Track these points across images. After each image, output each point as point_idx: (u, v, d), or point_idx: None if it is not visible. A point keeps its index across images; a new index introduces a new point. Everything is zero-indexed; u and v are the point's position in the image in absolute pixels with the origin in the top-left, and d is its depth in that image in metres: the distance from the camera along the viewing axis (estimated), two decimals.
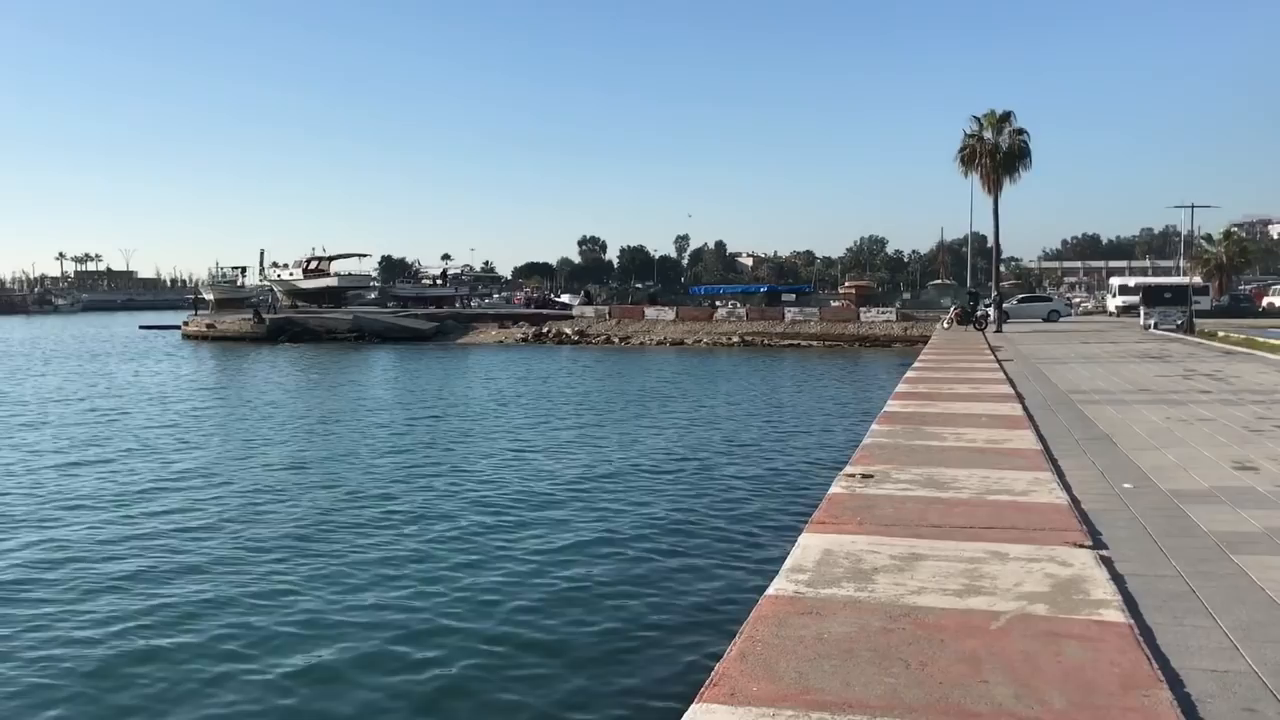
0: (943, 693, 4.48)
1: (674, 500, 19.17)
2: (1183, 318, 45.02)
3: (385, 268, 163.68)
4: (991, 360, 26.58)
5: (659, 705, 9.39)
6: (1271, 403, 16.30)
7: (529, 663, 10.99)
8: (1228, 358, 27.56)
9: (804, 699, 4.42)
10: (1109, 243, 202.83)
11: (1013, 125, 57.14)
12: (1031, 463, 10.40)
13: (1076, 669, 4.73)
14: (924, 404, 15.84)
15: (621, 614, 12.43)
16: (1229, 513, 8.29)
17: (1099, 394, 18.16)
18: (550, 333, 74.38)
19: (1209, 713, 4.36)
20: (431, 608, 12.81)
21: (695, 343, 69.12)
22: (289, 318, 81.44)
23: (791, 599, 5.90)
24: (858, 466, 10.28)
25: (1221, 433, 12.97)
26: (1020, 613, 5.55)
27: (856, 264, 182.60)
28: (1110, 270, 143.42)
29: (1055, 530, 7.45)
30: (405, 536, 16.39)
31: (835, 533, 7.48)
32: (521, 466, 23.20)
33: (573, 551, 15.45)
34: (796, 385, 43.06)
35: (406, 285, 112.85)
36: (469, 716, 9.83)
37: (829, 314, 73.50)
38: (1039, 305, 64.94)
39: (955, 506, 8.30)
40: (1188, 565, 6.69)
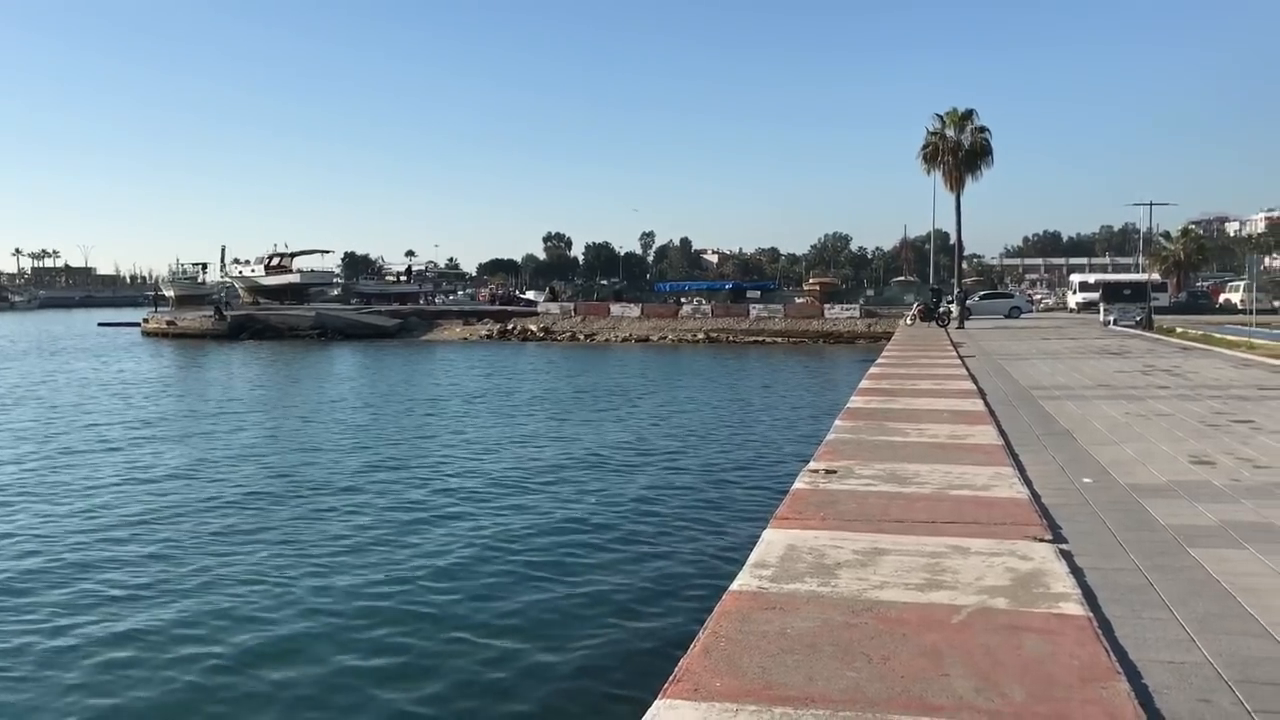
0: (904, 686, 4.50)
1: (638, 496, 19.18)
2: (1141, 314, 45.58)
3: (348, 264, 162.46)
4: (954, 356, 26.78)
5: (623, 701, 9.39)
6: (1228, 398, 16.54)
7: (492, 658, 10.95)
8: (1185, 353, 27.94)
9: (767, 694, 4.42)
10: (1070, 240, 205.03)
11: (975, 123, 57.53)
12: (993, 458, 10.49)
13: (1036, 662, 4.77)
14: (887, 400, 15.92)
15: (585, 610, 12.42)
16: (1186, 506, 8.40)
17: (1059, 390, 18.35)
18: (515, 330, 74.17)
19: (1166, 704, 4.41)
20: (393, 601, 12.76)
21: (660, 340, 69.21)
22: (250, 315, 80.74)
23: (755, 594, 5.91)
24: (821, 462, 10.31)
25: (1179, 427, 13.14)
26: (981, 606, 5.59)
27: (821, 261, 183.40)
28: (1071, 267, 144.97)
29: (1016, 524, 7.51)
30: (367, 529, 16.31)
31: (799, 528, 7.50)
32: (486, 462, 23.12)
33: (536, 547, 15.42)
34: (761, 382, 43.21)
35: (370, 282, 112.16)
36: (430, 710, 9.78)
37: (793, 311, 73.84)
38: (1000, 302, 65.51)
39: (917, 501, 8.35)
40: (1145, 558, 6.77)
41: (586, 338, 71.18)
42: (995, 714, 4.19)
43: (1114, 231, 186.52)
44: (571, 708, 9.72)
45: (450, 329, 76.49)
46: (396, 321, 77.79)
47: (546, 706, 9.75)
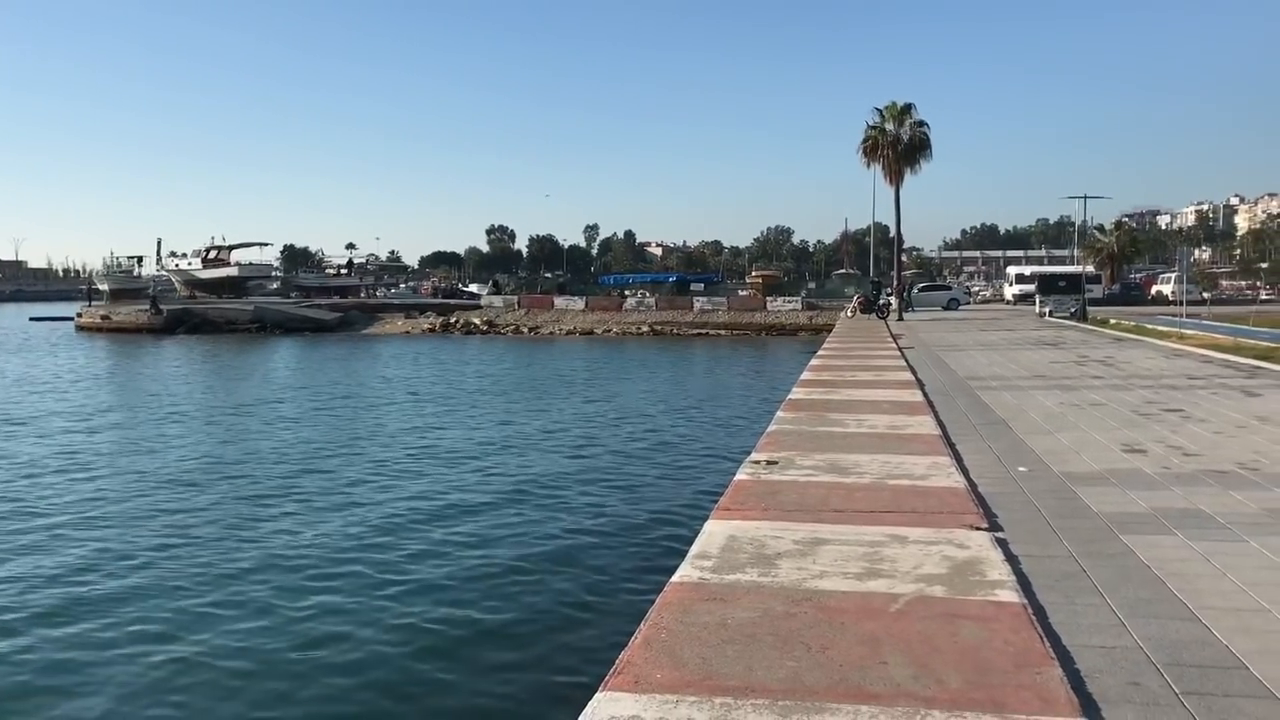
0: (843, 675, 4.53)
1: (581, 489, 19.17)
2: (1076, 305, 46.42)
3: (288, 257, 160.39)
4: (893, 348, 27.08)
5: (565, 694, 9.36)
6: (1159, 387, 16.90)
7: (429, 652, 10.88)
8: (1118, 344, 28.50)
9: (707, 685, 4.43)
10: (1006, 233, 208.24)
11: (913, 118, 58.29)
12: (931, 448, 10.62)
13: (972, 649, 4.84)
14: (828, 391, 16.05)
15: (526, 604, 12.39)
16: (1118, 494, 8.56)
17: (996, 380, 18.63)
18: (458, 323, 73.70)
19: (1097, 688, 4.49)
20: (333, 596, 12.62)
21: (605, 332, 69.16)
22: (187, 308, 79.49)
23: (696, 585, 5.93)
24: (763, 453, 10.37)
25: (1112, 417, 13.40)
26: (919, 595, 5.66)
27: (764, 254, 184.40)
28: (1008, 259, 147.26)
29: (953, 513, 7.62)
30: (307, 525, 16.09)
31: (740, 519, 7.53)
32: (428, 457, 22.95)
33: (477, 541, 15.35)
34: (705, 374, 43.38)
35: (310, 275, 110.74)
36: (367, 704, 9.70)
37: (737, 303, 74.18)
38: (939, 294, 66.35)
39: (857, 491, 8.43)
40: (1079, 546, 6.89)
41: (530, 331, 70.92)
42: (931, 700, 4.23)
43: (1050, 224, 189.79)
44: (511, 702, 9.69)
45: (392, 323, 75.81)
46: (337, 315, 76.96)
47: (485, 701, 9.70)
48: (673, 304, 74.93)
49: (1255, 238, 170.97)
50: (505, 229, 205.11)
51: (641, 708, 4.22)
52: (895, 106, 58.21)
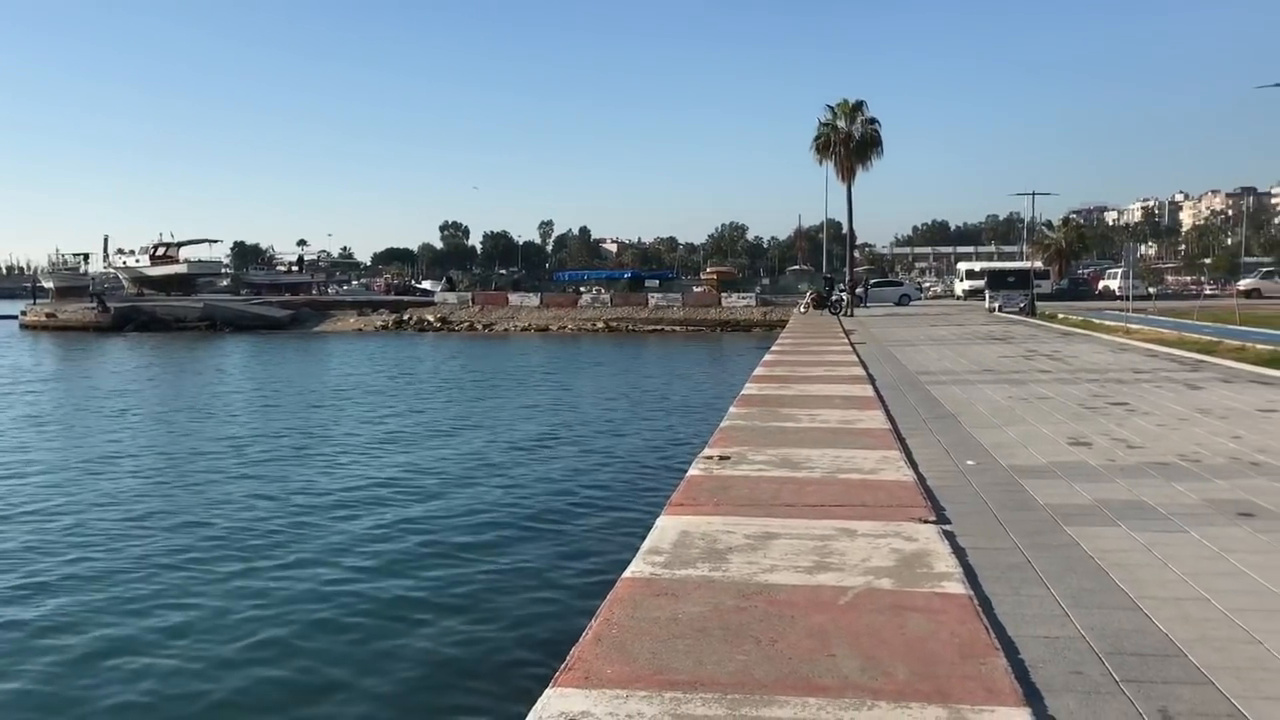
0: (792, 668, 4.57)
1: (535, 486, 19.14)
2: (1025, 301, 47.05)
3: (238, 254, 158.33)
4: (845, 344, 27.29)
5: (516, 691, 9.35)
6: (1105, 381, 17.18)
7: (380, 649, 10.81)
8: (1066, 339, 28.94)
9: (657, 679, 4.45)
10: (957, 229, 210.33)
11: (865, 115, 58.66)
12: (881, 442, 10.72)
13: (919, 640, 4.90)
14: (781, 386, 16.15)
15: (478, 601, 12.35)
16: (1064, 487, 8.70)
17: (945, 375, 18.85)
18: (412, 320, 73.29)
19: (1040, 677, 4.57)
20: (282, 590, 12.53)
21: (560, 329, 69.08)
22: (135, 306, 78.38)
23: (648, 580, 5.95)
24: (716, 449, 10.42)
25: (1059, 410, 13.60)
26: (867, 587, 5.71)
27: (718, 250, 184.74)
28: (958, 255, 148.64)
29: (902, 506, 7.70)
30: (263, 522, 15.93)
31: (692, 514, 7.56)
32: (381, 452, 22.80)
33: (428, 538, 15.27)
34: (660, 370, 43.45)
35: (260, 272, 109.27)
36: (315, 697, 9.63)
37: (692, 300, 74.40)
38: (890, 290, 66.95)
39: (808, 485, 8.50)
40: (1024, 537, 6.99)
41: (485, 328, 70.66)
42: (878, 692, 4.28)
43: (1000, 221, 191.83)
44: (462, 700, 9.65)
45: (344, 320, 75.20)
46: (288, 312, 76.19)
47: (436, 699, 9.66)
48: (628, 300, 75.01)
49: (1199, 233, 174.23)
50: (459, 225, 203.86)
51: (591, 703, 4.23)
52: (847, 104, 58.56)
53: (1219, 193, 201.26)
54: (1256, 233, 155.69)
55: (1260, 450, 10.24)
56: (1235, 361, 19.84)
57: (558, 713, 4.16)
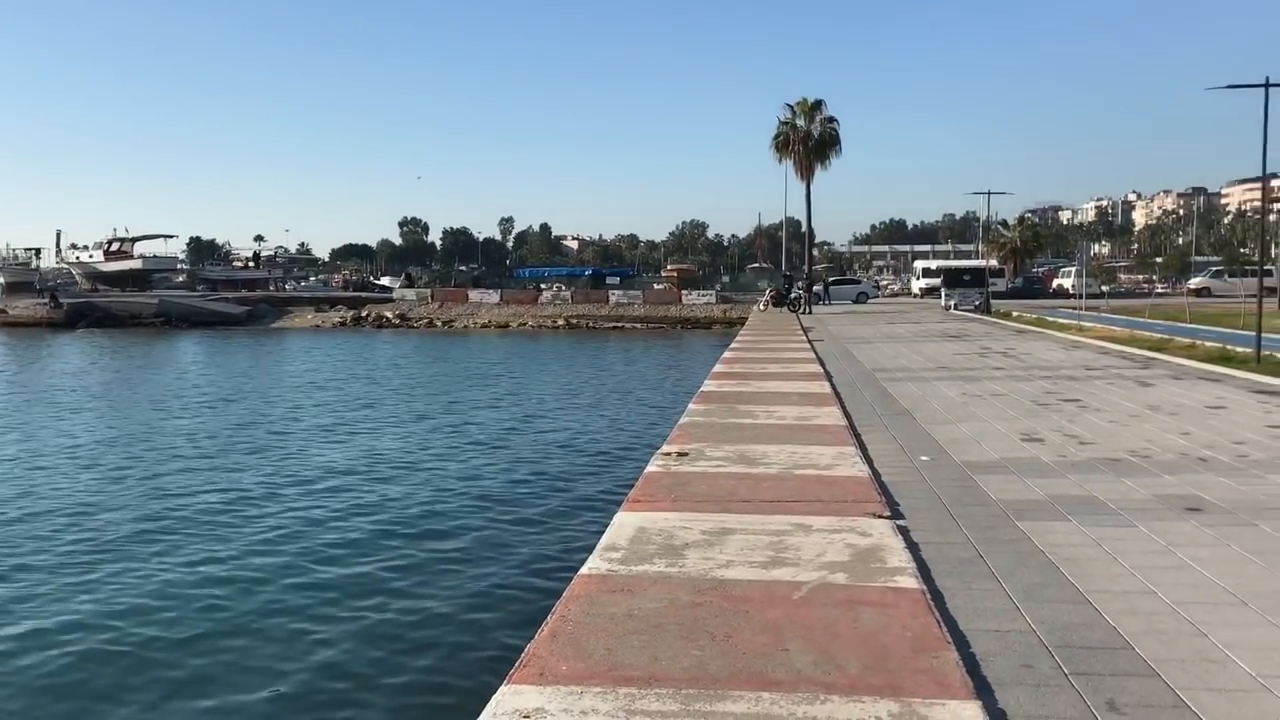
0: (746, 663, 4.60)
1: (494, 482, 19.08)
2: (980, 299, 47.55)
3: (194, 250, 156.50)
4: (803, 341, 27.46)
5: (472, 688, 9.32)
6: (1058, 378, 17.41)
7: (335, 645, 10.73)
8: (1020, 336, 29.29)
9: (612, 675, 4.46)
10: (915, 228, 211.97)
11: (824, 113, 59.11)
12: (837, 438, 10.80)
13: (872, 635, 4.94)
14: (739, 383, 16.23)
15: (435, 598, 12.29)
16: (1016, 482, 8.81)
17: (901, 372, 19.01)
18: (370, 316, 72.86)
19: (991, 671, 4.62)
20: (235, 585, 12.41)
21: (520, 326, 68.94)
22: (89, 302, 77.28)
23: (604, 577, 5.96)
24: (674, 445, 10.45)
25: (1012, 407, 13.77)
26: (821, 582, 5.75)
27: (679, 247, 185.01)
28: (915, 254, 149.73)
29: (856, 502, 7.76)
30: (214, 519, 15.76)
31: (650, 510, 7.58)
32: (340, 448, 22.63)
33: (386, 534, 15.18)
34: (620, 367, 43.47)
35: (216, 268, 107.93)
36: (264, 695, 9.54)
37: (652, 297, 74.54)
38: (848, 288, 67.37)
39: (764, 481, 8.54)
40: (977, 532, 7.07)
41: (444, 324, 70.37)
42: (831, 686, 4.32)
43: (956, 220, 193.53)
44: (417, 698, 9.61)
45: (302, 316, 74.62)
46: (245, 309, 75.50)
47: (390, 696, 9.61)
48: (589, 297, 75.04)
49: (1152, 233, 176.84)
50: (418, 221, 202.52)
51: (546, 700, 4.23)
52: (806, 102, 58.97)
53: (1170, 193, 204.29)
54: (1207, 232, 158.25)
55: (1208, 446, 10.43)
56: (1185, 359, 20.18)
57: (512, 710, 4.15)
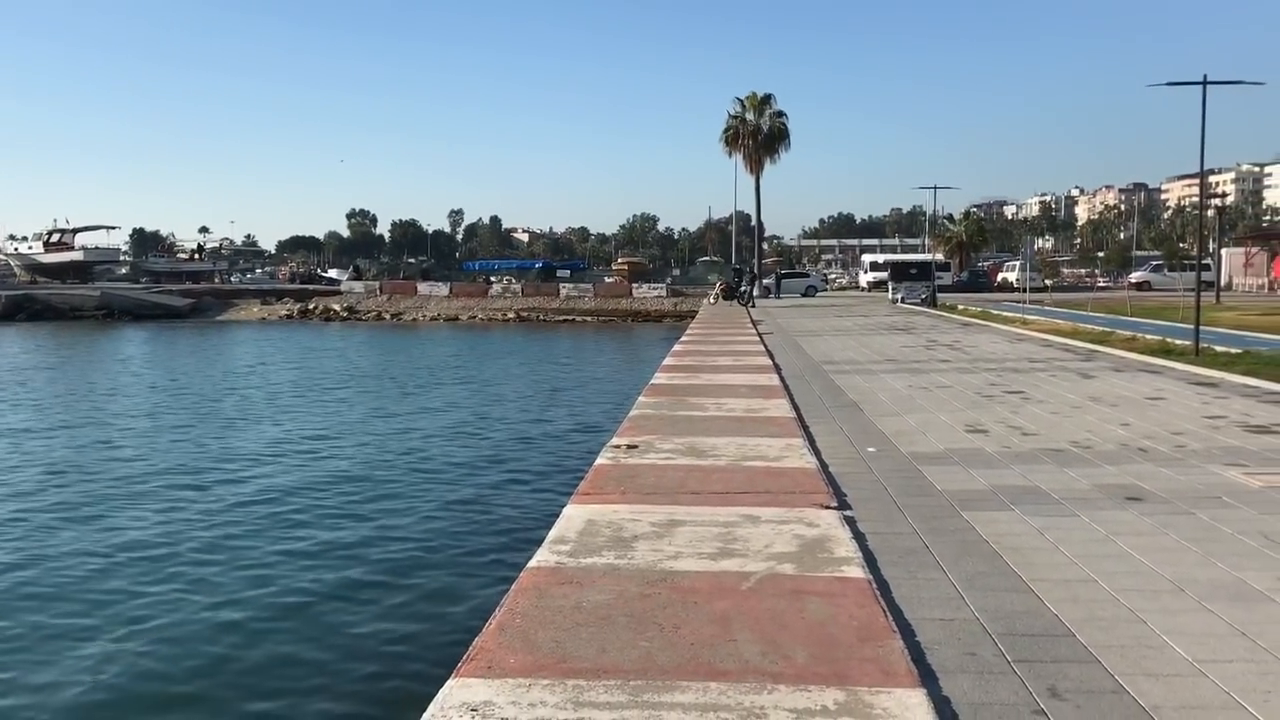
0: (694, 653, 4.61)
1: (444, 476, 18.97)
2: (927, 292, 48.04)
3: (137, 241, 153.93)
4: (753, 334, 27.57)
5: (419, 683, 9.27)
6: (1002, 370, 17.65)
7: (284, 640, 10.63)
8: (966, 329, 29.65)
9: (560, 668, 4.45)
10: (863, 221, 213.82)
11: (773, 108, 59.45)
12: (785, 430, 10.86)
13: (819, 624, 4.98)
14: (689, 376, 16.26)
15: (382, 592, 12.20)
16: (961, 473, 8.92)
17: (849, 364, 19.17)
18: (317, 309, 72.09)
19: (936, 659, 4.68)
20: (170, 585, 12.23)
21: (470, 319, 68.56)
22: (28, 294, 75.80)
23: (553, 570, 5.94)
24: (623, 437, 10.45)
25: (957, 399, 13.94)
26: (769, 573, 5.79)
27: (630, 241, 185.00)
28: (863, 248, 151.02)
29: (804, 493, 7.81)
30: (163, 515, 15.52)
31: (599, 503, 7.58)
32: (287, 443, 22.36)
33: (334, 527, 15.05)
34: (570, 360, 43.40)
35: (160, 260, 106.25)
36: (212, 689, 9.43)
37: (603, 290, 74.44)
38: (797, 281, 67.72)
39: (713, 473, 8.57)
40: (922, 523, 7.15)
41: (393, 317, 69.79)
42: (778, 676, 4.34)
43: (903, 214, 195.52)
44: (364, 688, 9.54)
45: (248, 309, 73.64)
46: (189, 301, 74.40)
47: (337, 690, 9.53)
48: (539, 290, 74.77)
49: (1094, 228, 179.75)
50: (367, 213, 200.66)
51: (494, 693, 4.21)
52: (755, 96, 59.24)
53: (1112, 188, 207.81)
54: (1148, 227, 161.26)
55: (1148, 436, 10.63)
56: (1126, 351, 20.55)
57: (459, 703, 4.13)
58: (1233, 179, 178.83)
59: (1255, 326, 26.94)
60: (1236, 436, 10.65)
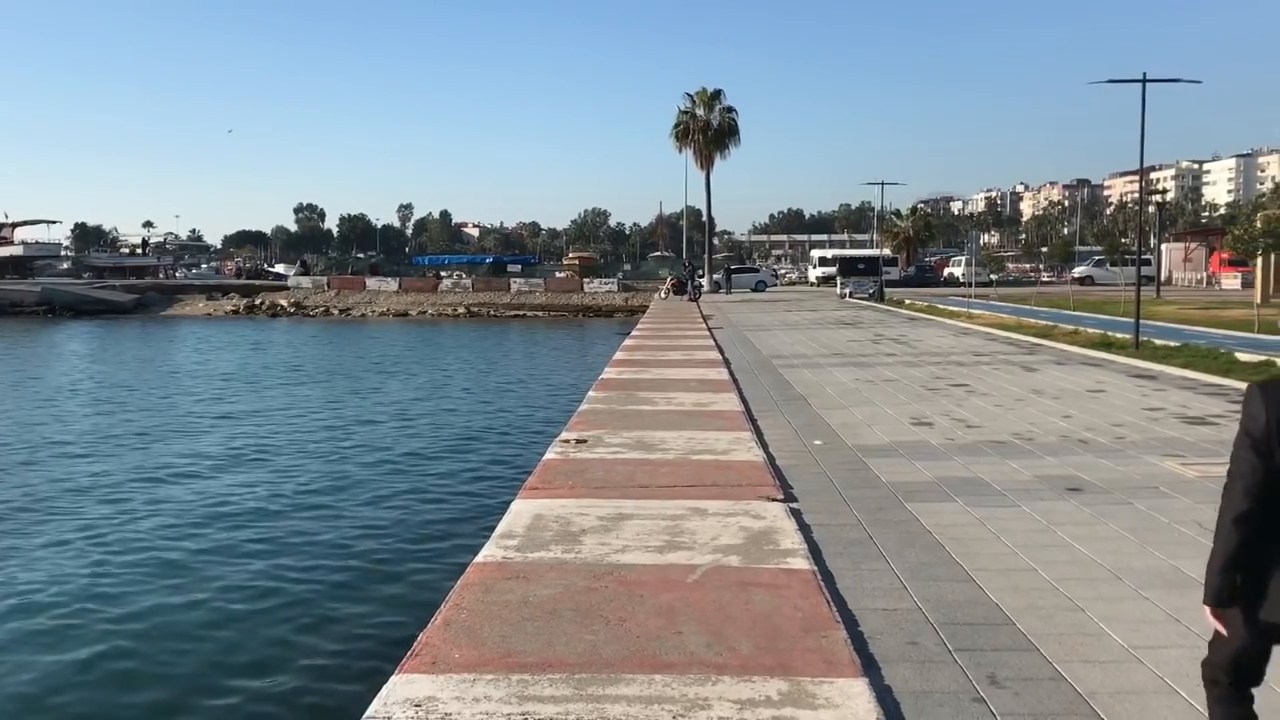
0: (640, 646, 4.63)
1: (392, 472, 18.81)
2: (874, 287, 48.47)
3: (79, 236, 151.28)
4: (703, 329, 27.68)
5: (364, 680, 9.18)
6: (947, 364, 17.87)
7: (221, 637, 10.48)
8: (912, 323, 29.97)
9: (505, 662, 4.45)
10: (812, 217, 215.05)
11: (723, 103, 59.61)
12: (734, 424, 10.92)
13: (764, 616, 5.01)
14: (639, 371, 16.30)
15: (327, 588, 12.06)
16: (905, 465, 9.03)
17: (797, 358, 19.31)
18: (264, 305, 71.16)
19: (878, 648, 4.74)
20: (123, 579, 12.04)
21: (420, 314, 68.06)
22: None
23: (500, 564, 5.94)
24: (573, 432, 10.46)
25: (903, 392, 14.09)
26: (715, 565, 5.82)
27: (581, 236, 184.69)
28: (813, 243, 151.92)
29: (751, 486, 7.87)
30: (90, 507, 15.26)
31: (547, 497, 7.58)
32: (232, 439, 22.07)
33: (281, 522, 14.88)
34: (521, 355, 43.24)
35: (103, 254, 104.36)
36: (151, 687, 9.29)
37: (554, 285, 74.20)
38: (747, 276, 67.98)
39: (662, 467, 8.60)
40: (867, 514, 7.23)
41: (341, 312, 69.07)
42: (722, 667, 4.37)
43: (852, 209, 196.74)
44: (306, 685, 9.43)
45: (193, 304, 72.52)
46: (133, 297, 73.05)
47: (281, 690, 9.42)
48: (490, 285, 74.32)
49: (1038, 223, 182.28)
50: (314, 208, 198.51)
51: (438, 688, 4.20)
52: (705, 92, 59.37)
53: (1056, 184, 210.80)
54: (1090, 222, 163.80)
55: (1088, 428, 10.82)
56: (1068, 345, 20.89)
57: (404, 699, 4.11)
58: (1173, 175, 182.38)
59: (1194, 320, 27.50)
60: (1174, 428, 10.88)
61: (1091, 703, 4.14)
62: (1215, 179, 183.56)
